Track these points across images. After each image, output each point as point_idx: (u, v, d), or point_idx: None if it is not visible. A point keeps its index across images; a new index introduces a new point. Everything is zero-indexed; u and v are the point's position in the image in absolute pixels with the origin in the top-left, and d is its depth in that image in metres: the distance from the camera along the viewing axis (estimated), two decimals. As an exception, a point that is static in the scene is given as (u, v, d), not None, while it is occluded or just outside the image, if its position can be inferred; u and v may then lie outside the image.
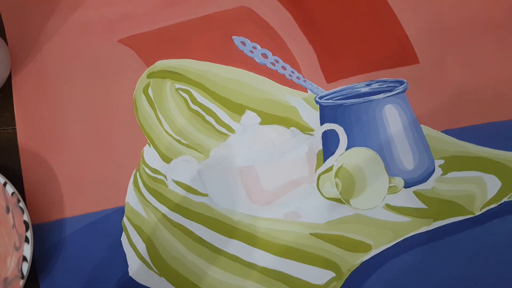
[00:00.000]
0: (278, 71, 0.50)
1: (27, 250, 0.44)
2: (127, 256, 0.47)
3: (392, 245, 0.47)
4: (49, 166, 0.49)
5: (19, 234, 0.44)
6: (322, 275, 0.46)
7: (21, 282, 0.44)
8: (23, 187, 0.48)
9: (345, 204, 0.47)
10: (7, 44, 0.50)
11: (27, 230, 0.44)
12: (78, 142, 0.49)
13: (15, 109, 0.50)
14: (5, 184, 0.45)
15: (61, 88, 0.50)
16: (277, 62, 0.51)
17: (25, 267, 0.44)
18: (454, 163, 0.49)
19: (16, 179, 0.48)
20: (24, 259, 0.44)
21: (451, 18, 0.51)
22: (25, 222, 0.44)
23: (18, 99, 0.50)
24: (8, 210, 0.45)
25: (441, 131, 0.49)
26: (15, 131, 0.49)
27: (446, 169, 0.49)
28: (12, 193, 0.45)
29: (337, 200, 0.47)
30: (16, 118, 0.49)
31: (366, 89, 0.50)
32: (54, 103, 0.50)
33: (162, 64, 0.50)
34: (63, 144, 0.49)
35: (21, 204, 0.44)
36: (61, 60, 0.51)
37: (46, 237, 0.47)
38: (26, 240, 0.44)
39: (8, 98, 0.50)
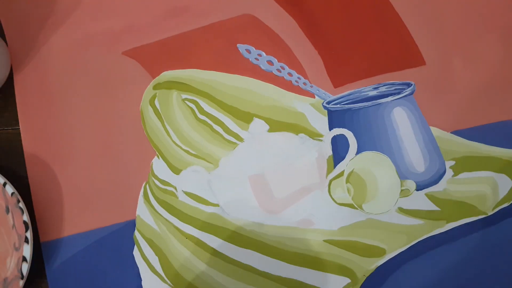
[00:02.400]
0: (284, 77, 0.50)
1: (27, 250, 0.44)
2: (140, 269, 0.47)
3: (406, 249, 0.47)
4: (58, 182, 0.48)
5: (18, 235, 0.44)
6: (337, 282, 0.46)
7: (21, 283, 0.44)
8: (26, 193, 0.48)
9: (357, 209, 0.47)
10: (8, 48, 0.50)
11: (26, 230, 0.44)
12: (86, 157, 0.49)
13: (20, 126, 0.49)
14: (4, 184, 0.45)
15: (67, 103, 0.50)
16: (283, 68, 0.50)
17: (25, 267, 0.44)
18: (464, 163, 0.49)
19: (16, 180, 0.48)
20: (24, 259, 0.44)
21: (456, 18, 0.51)
22: (24, 222, 0.44)
23: (23, 114, 0.50)
24: (8, 211, 0.45)
25: (451, 132, 0.49)
26: (15, 131, 0.49)
27: (457, 170, 0.48)
28: (12, 193, 0.45)
29: (350, 206, 0.47)
30: (22, 135, 0.49)
31: (374, 93, 0.50)
32: (60, 119, 0.50)
33: (168, 75, 0.50)
34: (70, 160, 0.49)
35: (21, 204, 0.44)
36: (65, 74, 0.50)
37: (57, 254, 0.47)
38: (26, 240, 0.44)
39: (8, 98, 0.50)
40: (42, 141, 0.49)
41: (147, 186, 0.48)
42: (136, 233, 0.47)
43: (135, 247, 0.47)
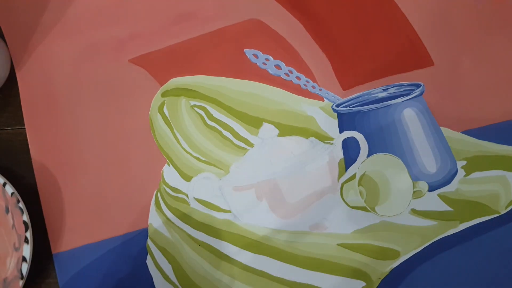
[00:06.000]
0: (293, 81, 0.50)
1: (27, 250, 0.44)
2: (153, 278, 0.47)
3: (421, 250, 0.47)
4: (68, 193, 0.48)
5: (18, 235, 0.44)
6: (353, 285, 0.46)
7: (21, 283, 0.44)
8: (25, 193, 0.47)
9: (370, 212, 0.47)
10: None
11: (26, 230, 0.44)
12: (95, 167, 0.49)
13: (28, 136, 0.49)
14: (4, 184, 0.45)
15: (74, 113, 0.50)
16: (291, 72, 0.50)
17: (25, 267, 0.44)
18: (476, 163, 0.48)
19: (16, 180, 0.48)
20: (24, 259, 0.44)
21: (463, 18, 0.51)
22: (24, 222, 0.44)
23: (30, 125, 0.49)
24: (7, 211, 0.45)
25: (461, 132, 0.49)
26: (15, 131, 0.49)
27: (468, 169, 0.48)
28: (12, 194, 0.45)
29: (363, 209, 0.47)
30: (30, 145, 0.49)
31: (383, 94, 0.50)
32: (68, 129, 0.49)
33: (176, 81, 0.50)
34: (80, 170, 0.49)
35: (21, 204, 0.44)
36: (72, 83, 0.50)
37: (70, 265, 0.47)
38: (26, 240, 0.44)
39: (8, 98, 0.50)
40: (50, 152, 0.49)
41: (159, 194, 0.48)
42: (149, 241, 0.47)
43: (148, 256, 0.47)
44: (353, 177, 0.47)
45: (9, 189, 0.45)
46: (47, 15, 0.51)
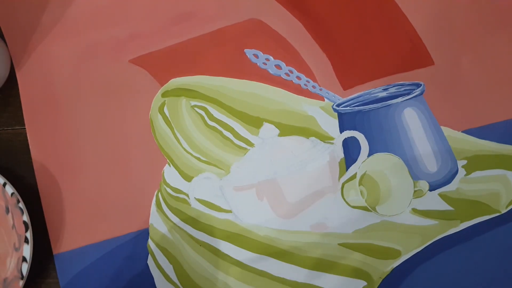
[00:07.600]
0: (293, 81, 0.50)
1: (27, 250, 0.44)
2: (155, 279, 0.47)
3: (422, 250, 0.47)
4: (68, 193, 0.48)
5: (18, 235, 0.44)
6: (354, 285, 0.46)
7: (21, 283, 0.44)
8: (25, 193, 0.47)
9: (371, 211, 0.47)
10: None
11: (26, 230, 0.44)
12: (96, 167, 0.49)
13: (28, 137, 0.49)
14: (4, 184, 0.45)
15: (74, 113, 0.50)
16: (291, 72, 0.50)
17: (25, 267, 0.44)
18: (476, 162, 0.48)
19: (16, 180, 0.48)
20: (24, 259, 0.44)
21: (463, 17, 0.51)
22: (24, 222, 0.44)
23: (30, 125, 0.49)
24: (7, 211, 0.45)
25: (462, 131, 0.49)
26: (15, 131, 0.49)
27: (469, 169, 0.48)
28: (12, 194, 0.45)
29: (363, 208, 0.47)
30: (30, 146, 0.49)
31: (384, 94, 0.50)
32: (69, 129, 0.49)
33: (176, 82, 0.50)
34: (81, 170, 0.48)
35: (21, 204, 0.44)
36: (72, 84, 0.50)
37: (70, 266, 0.47)
38: (26, 240, 0.44)
39: (8, 99, 0.50)
40: (51, 152, 0.49)
41: (159, 194, 0.48)
42: (150, 242, 0.47)
43: (149, 256, 0.47)
44: (353, 176, 0.47)
45: (9, 189, 0.45)
46: (47, 15, 0.51)
